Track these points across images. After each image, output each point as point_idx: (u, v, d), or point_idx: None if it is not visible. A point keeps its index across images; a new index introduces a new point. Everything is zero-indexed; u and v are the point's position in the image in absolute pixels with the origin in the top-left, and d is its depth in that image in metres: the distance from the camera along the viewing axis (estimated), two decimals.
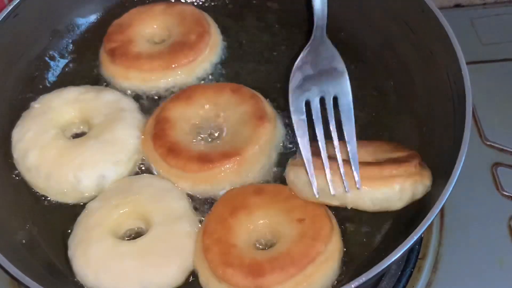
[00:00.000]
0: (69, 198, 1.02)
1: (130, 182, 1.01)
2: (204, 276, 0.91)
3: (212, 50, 1.17)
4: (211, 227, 0.93)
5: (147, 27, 1.19)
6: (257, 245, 0.94)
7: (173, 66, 1.12)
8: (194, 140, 1.05)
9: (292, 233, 0.91)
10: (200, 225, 0.97)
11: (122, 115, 1.06)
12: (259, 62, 1.18)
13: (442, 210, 1.13)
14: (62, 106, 1.08)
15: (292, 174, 0.95)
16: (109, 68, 1.16)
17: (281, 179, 1.01)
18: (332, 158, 0.91)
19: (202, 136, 1.06)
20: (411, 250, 1.07)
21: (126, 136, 1.04)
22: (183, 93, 1.09)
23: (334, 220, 0.95)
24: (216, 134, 1.06)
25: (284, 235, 0.92)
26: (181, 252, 0.93)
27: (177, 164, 0.99)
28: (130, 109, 1.08)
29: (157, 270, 0.90)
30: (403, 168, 0.90)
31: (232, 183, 0.99)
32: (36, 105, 1.08)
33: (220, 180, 0.99)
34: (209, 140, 1.06)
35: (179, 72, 1.13)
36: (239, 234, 0.92)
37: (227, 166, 0.99)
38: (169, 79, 1.13)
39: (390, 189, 0.89)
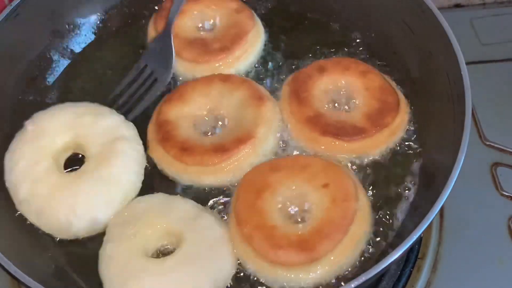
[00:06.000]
0: (61, 235, 0.97)
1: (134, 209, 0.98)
2: (254, 264, 0.92)
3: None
4: (244, 215, 0.93)
5: None
6: (294, 220, 0.95)
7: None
8: (202, 135, 1.06)
9: (323, 200, 0.93)
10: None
11: (120, 147, 1.00)
12: None
13: (441, 210, 1.13)
14: (57, 132, 1.02)
15: None
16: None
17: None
18: None
19: (208, 129, 1.07)
20: (410, 250, 1.07)
21: (124, 173, 0.99)
22: (175, 93, 1.09)
23: (354, 176, 0.98)
24: (220, 124, 1.07)
25: (315, 204, 0.94)
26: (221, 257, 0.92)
27: (194, 161, 1.00)
28: (130, 137, 1.03)
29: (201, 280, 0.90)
30: None
31: (252, 165, 1.00)
32: (29, 127, 1.02)
33: (240, 165, 1.00)
34: (216, 131, 1.07)
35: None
36: (272, 214, 0.93)
37: (245, 150, 1.00)
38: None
39: None
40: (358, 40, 1.20)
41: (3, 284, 1.07)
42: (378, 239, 0.95)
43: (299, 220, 0.95)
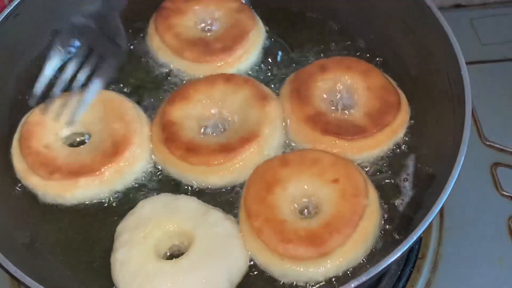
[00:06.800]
0: None
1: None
2: (263, 258, 0.92)
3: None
4: (254, 209, 0.94)
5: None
6: (303, 214, 0.96)
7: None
8: (207, 135, 1.06)
9: (332, 195, 0.94)
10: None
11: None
12: None
13: (441, 210, 1.13)
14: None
15: None
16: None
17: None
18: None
19: (212, 129, 1.07)
20: (410, 250, 1.07)
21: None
22: (178, 94, 1.09)
23: (363, 172, 0.99)
24: (225, 125, 1.07)
25: (325, 199, 0.94)
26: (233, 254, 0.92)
27: (200, 161, 1.00)
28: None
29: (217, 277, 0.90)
30: None
31: (257, 165, 1.00)
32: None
33: (245, 165, 1.01)
34: (220, 131, 1.07)
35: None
36: (283, 209, 0.94)
37: (250, 149, 1.00)
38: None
39: None
40: (358, 40, 1.20)
41: (3, 284, 1.08)
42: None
43: (309, 215, 0.96)
